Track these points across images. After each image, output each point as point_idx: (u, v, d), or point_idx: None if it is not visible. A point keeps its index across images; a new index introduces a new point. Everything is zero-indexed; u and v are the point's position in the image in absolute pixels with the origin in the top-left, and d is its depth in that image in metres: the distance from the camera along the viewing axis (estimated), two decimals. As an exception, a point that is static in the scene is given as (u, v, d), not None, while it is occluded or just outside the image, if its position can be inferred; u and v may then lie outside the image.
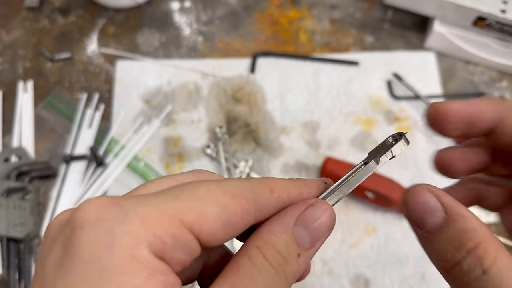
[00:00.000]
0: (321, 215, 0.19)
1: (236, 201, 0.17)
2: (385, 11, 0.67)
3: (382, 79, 0.62)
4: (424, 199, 0.19)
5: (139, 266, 0.14)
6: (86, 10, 0.67)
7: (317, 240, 0.19)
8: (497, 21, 0.58)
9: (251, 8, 0.68)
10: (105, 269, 0.14)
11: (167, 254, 0.15)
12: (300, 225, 0.18)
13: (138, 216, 0.15)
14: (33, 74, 0.62)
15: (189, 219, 0.16)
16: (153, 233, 0.15)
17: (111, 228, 0.15)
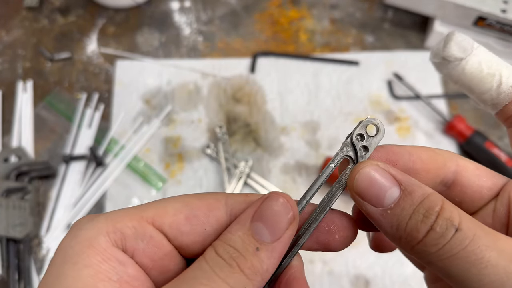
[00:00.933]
0: (275, 205, 0.18)
1: (202, 200, 0.18)
2: (385, 11, 0.67)
3: (382, 79, 0.61)
4: (376, 175, 0.18)
5: (94, 252, 0.16)
6: (86, 10, 0.67)
7: (278, 231, 0.18)
8: (497, 21, 0.58)
9: (251, 8, 0.68)
10: (66, 254, 0.17)
11: (128, 245, 0.17)
12: (257, 220, 0.18)
13: (104, 216, 0.18)
14: (32, 74, 0.62)
15: (149, 214, 0.18)
16: (113, 226, 0.17)
17: (80, 226, 0.17)
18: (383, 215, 0.18)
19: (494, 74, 0.21)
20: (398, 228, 0.17)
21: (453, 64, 0.21)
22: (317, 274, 0.50)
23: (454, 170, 0.21)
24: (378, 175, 0.18)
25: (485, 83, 0.21)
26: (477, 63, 0.21)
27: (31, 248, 0.51)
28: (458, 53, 0.21)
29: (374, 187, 0.18)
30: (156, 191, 0.54)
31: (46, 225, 0.53)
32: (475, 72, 0.21)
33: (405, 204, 0.17)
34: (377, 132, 0.20)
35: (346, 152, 0.20)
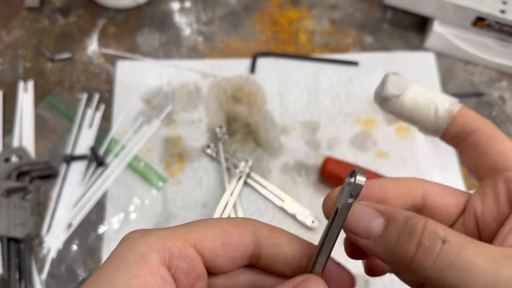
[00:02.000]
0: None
1: (235, 228, 0.21)
2: (385, 11, 0.68)
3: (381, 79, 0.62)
4: (362, 212, 0.20)
5: (145, 265, 0.19)
6: (86, 10, 0.67)
7: None
8: (496, 21, 0.58)
9: (251, 8, 0.68)
10: (119, 263, 0.19)
11: (173, 263, 0.20)
12: None
13: (155, 234, 0.20)
14: (33, 74, 0.62)
15: (192, 237, 0.20)
16: (163, 244, 0.20)
17: (134, 241, 0.20)
18: (375, 244, 0.19)
19: (430, 103, 0.24)
20: (390, 252, 0.19)
21: (393, 101, 0.24)
22: (317, 274, 0.50)
23: (421, 194, 0.23)
24: (362, 212, 0.20)
25: (423, 113, 0.24)
26: (413, 97, 0.24)
27: (31, 247, 0.52)
28: (395, 91, 0.24)
29: (361, 222, 0.20)
30: (157, 190, 0.55)
31: (47, 224, 0.53)
32: (413, 104, 0.24)
33: (391, 229, 0.19)
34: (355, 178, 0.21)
35: None
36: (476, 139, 0.22)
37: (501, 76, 0.63)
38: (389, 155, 0.57)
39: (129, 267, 0.19)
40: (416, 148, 0.57)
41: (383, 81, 0.25)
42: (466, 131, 0.23)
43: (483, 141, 0.22)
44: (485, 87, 0.62)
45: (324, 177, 0.53)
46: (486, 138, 0.22)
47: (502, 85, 0.62)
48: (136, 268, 0.19)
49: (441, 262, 0.17)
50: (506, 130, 0.59)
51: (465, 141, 0.23)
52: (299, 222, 0.53)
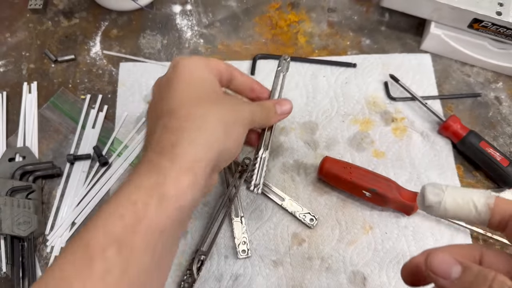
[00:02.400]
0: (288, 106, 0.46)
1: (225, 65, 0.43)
2: (382, 14, 0.69)
3: (379, 80, 0.63)
4: (444, 258, 0.25)
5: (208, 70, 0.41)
6: (89, 13, 0.68)
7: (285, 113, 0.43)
8: (493, 23, 0.59)
9: (251, 11, 0.69)
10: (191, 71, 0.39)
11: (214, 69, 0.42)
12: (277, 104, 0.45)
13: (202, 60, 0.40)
14: (37, 76, 0.63)
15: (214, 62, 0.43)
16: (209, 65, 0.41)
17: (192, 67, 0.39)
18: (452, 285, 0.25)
19: (468, 201, 0.28)
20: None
21: (436, 207, 0.28)
22: (315, 270, 0.51)
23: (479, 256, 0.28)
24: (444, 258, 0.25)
25: (465, 211, 0.28)
26: (452, 200, 0.28)
27: (35, 246, 0.52)
28: (435, 199, 0.28)
29: (443, 266, 0.25)
30: (158, 190, 0.56)
31: (50, 223, 0.54)
32: (454, 206, 0.28)
33: (467, 275, 0.24)
34: None
35: None
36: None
37: (497, 77, 0.64)
38: (386, 155, 0.58)
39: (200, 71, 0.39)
40: (412, 148, 0.58)
41: (422, 192, 0.29)
42: (506, 218, 0.27)
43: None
44: (482, 88, 0.63)
45: (323, 176, 0.54)
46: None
47: (498, 86, 0.63)
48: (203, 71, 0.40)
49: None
50: (502, 130, 0.60)
51: (508, 226, 0.27)
52: (298, 220, 0.53)
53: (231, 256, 0.52)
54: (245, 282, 0.50)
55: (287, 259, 0.51)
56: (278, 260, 0.51)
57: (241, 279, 0.51)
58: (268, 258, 0.52)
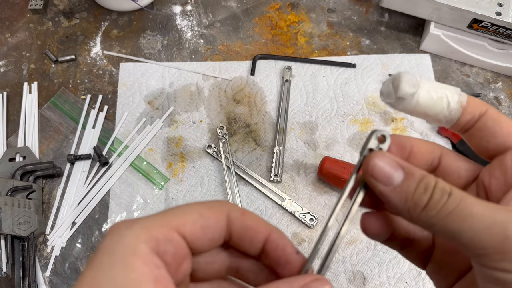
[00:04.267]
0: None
1: (211, 211, 0.23)
2: (382, 14, 0.69)
3: (378, 80, 0.63)
4: (386, 161, 0.23)
5: (137, 257, 0.20)
6: (89, 13, 0.68)
7: None
8: (492, 23, 0.59)
9: (251, 11, 0.69)
10: (113, 257, 0.20)
11: (160, 249, 0.21)
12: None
13: (139, 224, 0.22)
14: (37, 76, 0.63)
15: (174, 223, 0.22)
16: (149, 234, 0.21)
17: (121, 233, 0.21)
18: (393, 192, 0.23)
19: (442, 97, 0.25)
20: (406, 200, 0.22)
21: (408, 100, 0.25)
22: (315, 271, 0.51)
23: (439, 155, 0.26)
24: (387, 162, 0.23)
25: (437, 107, 0.25)
26: (427, 93, 0.25)
27: (36, 246, 0.53)
28: (410, 89, 0.24)
29: (385, 171, 0.23)
30: (159, 189, 0.56)
31: (50, 223, 0.54)
32: (427, 100, 0.25)
33: (409, 182, 0.22)
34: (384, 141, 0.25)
35: None
36: (484, 123, 0.24)
37: (496, 77, 0.64)
38: (386, 154, 0.58)
39: (124, 262, 0.20)
40: (413, 148, 0.58)
41: (395, 81, 0.25)
42: (475, 118, 0.24)
43: (491, 123, 0.24)
44: (481, 88, 0.63)
45: (322, 176, 0.54)
46: (493, 121, 0.24)
47: (498, 86, 0.64)
48: (130, 262, 0.20)
49: (445, 210, 0.21)
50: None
51: (474, 127, 0.25)
52: (298, 220, 0.54)
53: (231, 255, 0.52)
54: (245, 282, 0.50)
55: (287, 259, 0.52)
56: (278, 260, 0.52)
57: (241, 278, 0.51)
58: (268, 257, 0.52)
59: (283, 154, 0.57)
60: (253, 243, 0.24)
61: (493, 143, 0.24)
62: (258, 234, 0.24)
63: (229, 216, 0.24)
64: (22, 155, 0.57)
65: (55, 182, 0.56)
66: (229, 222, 0.24)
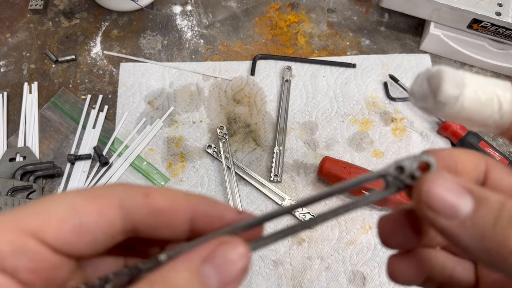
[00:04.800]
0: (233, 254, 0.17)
1: (92, 203, 0.16)
2: (382, 14, 0.69)
3: (378, 81, 0.63)
4: (448, 185, 0.16)
5: None
6: (89, 13, 0.68)
7: (228, 280, 0.17)
8: (492, 23, 0.59)
9: (251, 12, 0.69)
10: None
11: (7, 262, 0.15)
12: (209, 263, 0.17)
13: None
14: (38, 76, 0.63)
15: (28, 225, 0.15)
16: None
17: None
18: (461, 227, 0.16)
19: (492, 97, 0.19)
20: (482, 237, 0.16)
21: (451, 104, 0.18)
22: (315, 270, 0.51)
23: (484, 169, 0.20)
24: (448, 187, 0.16)
25: (485, 110, 0.19)
26: (473, 93, 0.19)
27: (36, 245, 0.53)
28: (454, 91, 0.18)
29: (448, 198, 0.16)
30: (158, 189, 0.56)
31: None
32: (474, 103, 0.19)
33: (484, 212, 0.16)
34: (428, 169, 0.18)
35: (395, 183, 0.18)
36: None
37: (496, 77, 0.64)
38: (385, 154, 0.58)
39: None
40: (412, 148, 0.58)
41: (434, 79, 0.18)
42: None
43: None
44: (481, 88, 0.63)
45: (322, 176, 0.54)
46: None
47: (497, 86, 0.63)
48: None
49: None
50: None
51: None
52: (298, 220, 0.54)
53: (231, 255, 0.52)
54: (245, 282, 0.51)
55: (287, 259, 0.52)
56: (278, 260, 0.52)
57: (241, 278, 0.51)
58: (268, 257, 0.52)
59: (283, 154, 0.57)
60: (173, 228, 0.18)
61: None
62: (176, 214, 0.18)
63: (124, 204, 0.17)
64: (22, 155, 0.57)
65: (55, 182, 0.56)
66: (126, 213, 0.17)
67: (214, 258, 0.16)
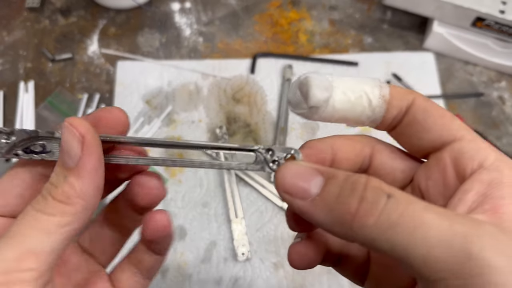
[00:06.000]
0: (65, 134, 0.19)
1: None
2: (384, 12, 0.68)
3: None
4: (299, 170, 0.19)
5: None
6: (87, 11, 0.67)
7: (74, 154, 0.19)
8: (496, 21, 0.58)
9: (251, 9, 0.68)
10: None
11: None
12: (61, 151, 0.19)
13: None
14: (34, 75, 0.62)
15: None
16: None
17: None
18: (313, 205, 0.18)
19: (361, 95, 0.21)
20: (330, 210, 0.17)
21: (323, 108, 0.20)
22: (316, 273, 0.50)
23: (369, 154, 0.22)
24: (299, 170, 0.19)
25: (357, 108, 0.21)
26: (343, 94, 0.20)
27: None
28: (323, 95, 0.20)
29: (299, 181, 0.18)
30: (157, 190, 0.55)
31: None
32: (345, 103, 0.20)
33: (330, 187, 0.17)
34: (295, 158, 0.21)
35: None
36: (413, 116, 0.20)
37: (500, 76, 0.63)
38: (388, 155, 0.57)
39: None
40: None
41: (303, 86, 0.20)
42: (403, 111, 0.20)
43: (421, 116, 0.20)
44: (485, 87, 0.62)
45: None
46: (423, 113, 0.20)
47: (502, 85, 0.63)
48: None
49: (386, 219, 0.15)
50: (506, 130, 0.59)
51: (402, 122, 0.21)
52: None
53: (230, 258, 0.51)
54: (245, 285, 0.50)
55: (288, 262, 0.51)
56: (278, 263, 0.51)
57: (241, 281, 0.50)
58: (269, 260, 0.51)
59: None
60: None
61: (427, 139, 0.20)
62: None
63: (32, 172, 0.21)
64: (18, 156, 0.56)
65: (52, 182, 0.55)
66: None
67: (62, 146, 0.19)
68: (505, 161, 0.18)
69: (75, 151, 0.18)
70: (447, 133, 0.19)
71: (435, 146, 0.20)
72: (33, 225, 0.18)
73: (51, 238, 0.18)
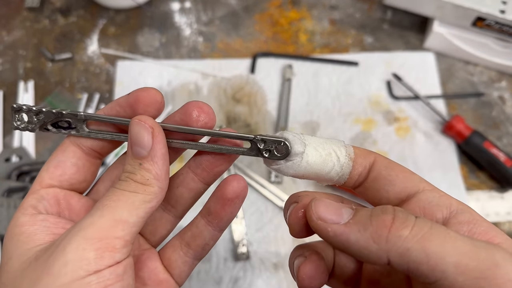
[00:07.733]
0: (134, 129, 0.22)
1: None
2: (385, 11, 0.68)
3: (381, 79, 0.62)
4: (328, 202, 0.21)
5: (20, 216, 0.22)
6: (86, 11, 0.67)
7: (146, 144, 0.22)
8: (496, 21, 0.58)
9: (251, 8, 0.68)
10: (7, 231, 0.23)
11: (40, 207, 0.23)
12: (132, 145, 0.22)
13: None
14: (33, 74, 0.62)
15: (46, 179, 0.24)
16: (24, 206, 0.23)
17: None
18: (347, 226, 0.20)
19: (330, 152, 0.23)
20: (364, 228, 0.19)
21: (297, 161, 0.22)
22: (317, 273, 0.50)
23: None
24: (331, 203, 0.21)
25: (328, 163, 0.23)
26: (314, 150, 0.23)
27: (32, 247, 0.52)
28: (299, 149, 0.22)
29: (331, 208, 0.20)
30: (157, 190, 0.55)
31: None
32: (317, 158, 0.22)
33: (362, 211, 0.20)
34: None
35: None
36: (378, 172, 0.22)
37: (500, 76, 0.63)
38: (389, 155, 0.57)
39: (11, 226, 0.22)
40: (415, 148, 0.57)
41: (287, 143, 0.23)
42: (367, 168, 0.23)
43: (385, 172, 0.22)
44: (485, 87, 0.62)
45: (324, 177, 0.53)
46: (386, 169, 0.22)
47: (502, 85, 0.62)
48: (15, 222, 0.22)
49: (420, 230, 0.18)
50: (506, 130, 0.59)
51: (368, 178, 0.23)
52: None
53: (230, 258, 0.51)
54: (244, 285, 0.50)
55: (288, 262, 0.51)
56: (278, 263, 0.51)
57: (241, 282, 0.50)
58: (269, 260, 0.51)
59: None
60: None
61: (393, 192, 0.22)
62: None
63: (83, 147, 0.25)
64: (18, 156, 0.56)
65: (51, 183, 0.55)
66: None
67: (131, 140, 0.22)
68: (463, 204, 0.21)
69: (147, 141, 0.22)
70: (411, 185, 0.22)
71: (401, 197, 0.22)
72: (121, 199, 0.21)
73: (136, 212, 0.21)
